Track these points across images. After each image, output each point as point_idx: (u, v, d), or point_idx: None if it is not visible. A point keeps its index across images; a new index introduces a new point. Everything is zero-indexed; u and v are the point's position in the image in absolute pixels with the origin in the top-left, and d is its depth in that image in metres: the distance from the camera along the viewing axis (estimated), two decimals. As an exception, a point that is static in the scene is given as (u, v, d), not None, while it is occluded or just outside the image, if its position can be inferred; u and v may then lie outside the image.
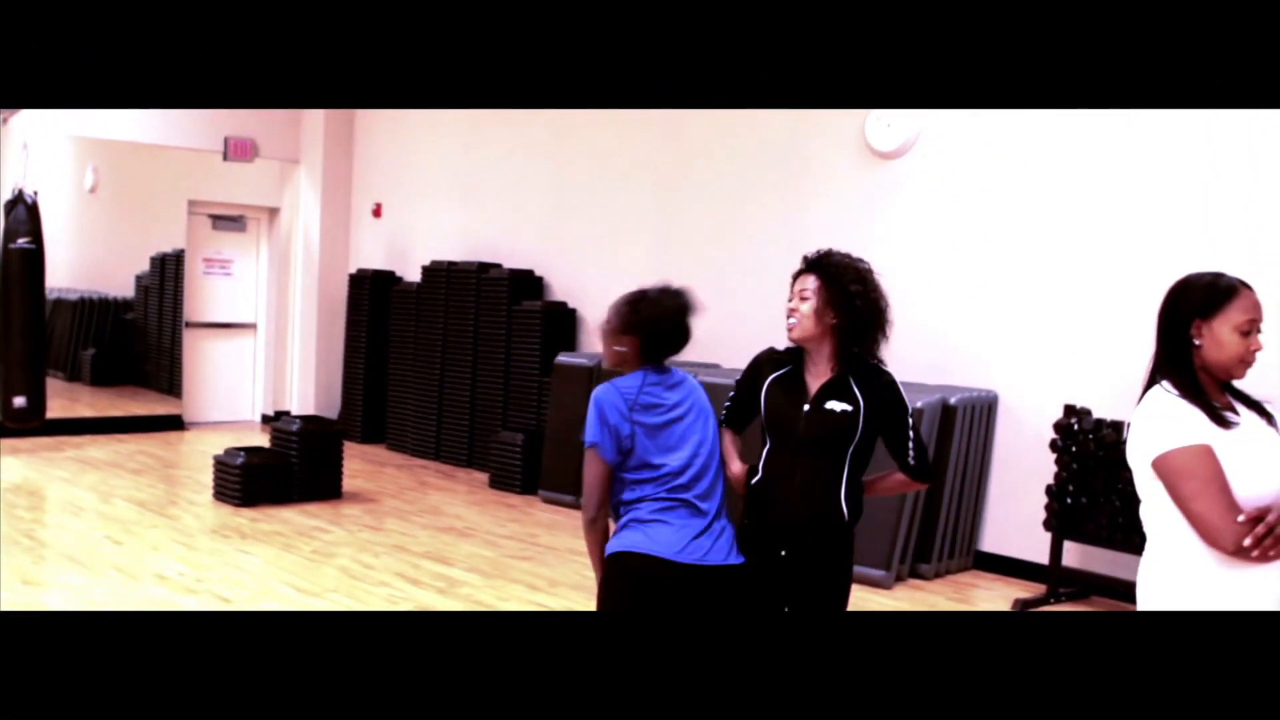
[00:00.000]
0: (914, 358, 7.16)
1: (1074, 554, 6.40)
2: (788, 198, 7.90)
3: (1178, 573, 2.63)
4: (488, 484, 8.94)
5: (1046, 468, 6.40)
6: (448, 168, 10.49)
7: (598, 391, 3.38)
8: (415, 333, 10.22)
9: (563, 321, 9.27)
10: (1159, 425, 2.61)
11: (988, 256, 6.91)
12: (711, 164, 8.35)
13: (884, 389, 3.27)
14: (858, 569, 6.49)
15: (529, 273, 9.58)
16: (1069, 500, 6.19)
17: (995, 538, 6.96)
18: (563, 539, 7.28)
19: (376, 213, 11.30)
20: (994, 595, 6.46)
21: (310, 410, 11.16)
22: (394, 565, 6.45)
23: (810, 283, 3.30)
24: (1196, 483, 2.54)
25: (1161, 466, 2.59)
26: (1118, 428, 6.04)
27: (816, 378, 3.29)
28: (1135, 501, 5.83)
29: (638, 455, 3.31)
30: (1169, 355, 2.71)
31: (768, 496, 3.32)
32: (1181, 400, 2.63)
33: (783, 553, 3.28)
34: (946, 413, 6.66)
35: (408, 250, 10.88)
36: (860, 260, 3.35)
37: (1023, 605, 6.17)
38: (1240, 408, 2.70)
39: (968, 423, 6.76)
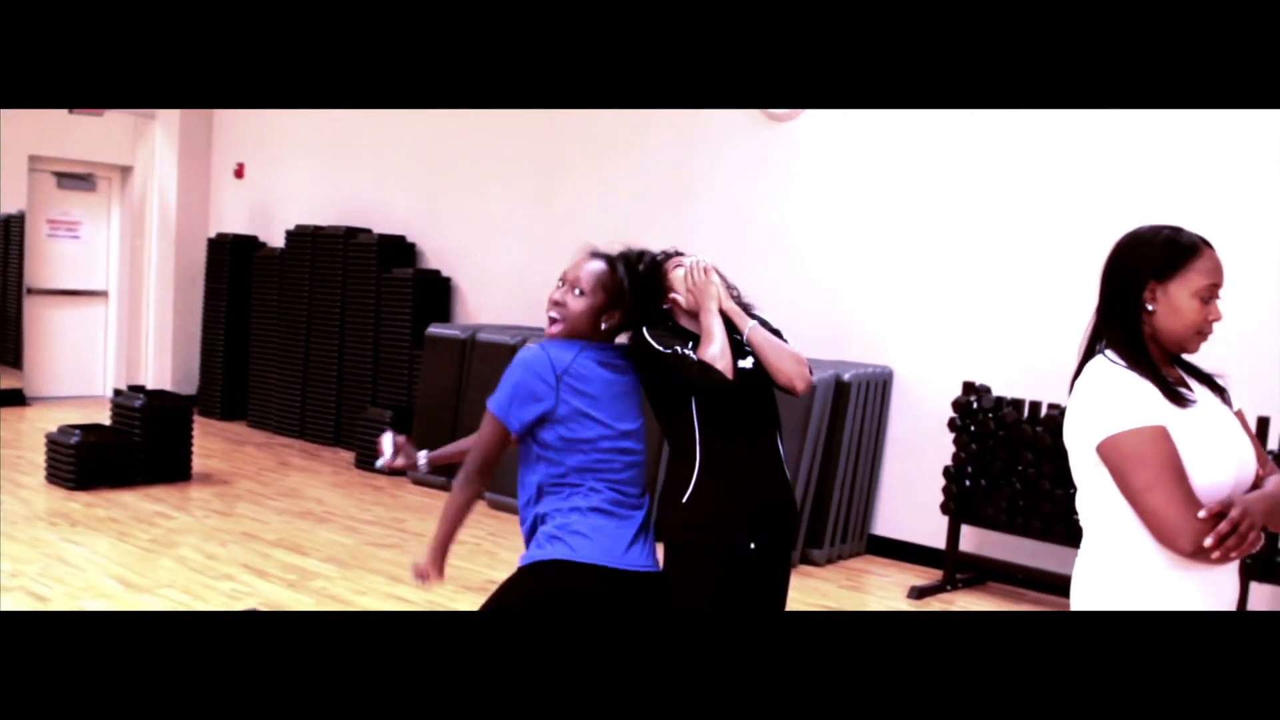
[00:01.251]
0: (807, 331, 6.79)
1: (969, 538, 6.09)
2: (679, 160, 7.44)
3: (1122, 573, 2.24)
4: (353, 464, 8.35)
5: (943, 448, 6.07)
6: (315, 126, 9.80)
7: (524, 352, 2.95)
8: (279, 302, 9.55)
9: (436, 290, 8.71)
10: (1106, 402, 2.21)
11: (884, 225, 6.54)
12: (598, 123, 7.84)
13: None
14: (746, 556, 6.11)
15: (400, 238, 8.99)
16: (967, 483, 5.86)
17: (889, 521, 6.63)
18: (432, 524, 6.71)
19: (238, 173, 10.57)
20: (888, 582, 6.13)
21: (167, 384, 10.41)
22: (241, 555, 5.86)
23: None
24: (1150, 471, 2.14)
25: (1109, 451, 2.19)
26: (1019, 406, 5.73)
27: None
28: (1036, 484, 5.62)
29: (561, 432, 2.87)
30: (1115, 321, 2.31)
31: (715, 490, 2.89)
32: (1130, 373, 2.23)
33: (752, 545, 2.89)
34: (840, 389, 6.29)
35: (271, 214, 10.19)
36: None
37: (918, 593, 5.84)
38: (1192, 383, 2.32)
39: (862, 400, 6.41)
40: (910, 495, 6.46)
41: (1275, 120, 5.29)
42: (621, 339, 3.07)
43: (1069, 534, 5.51)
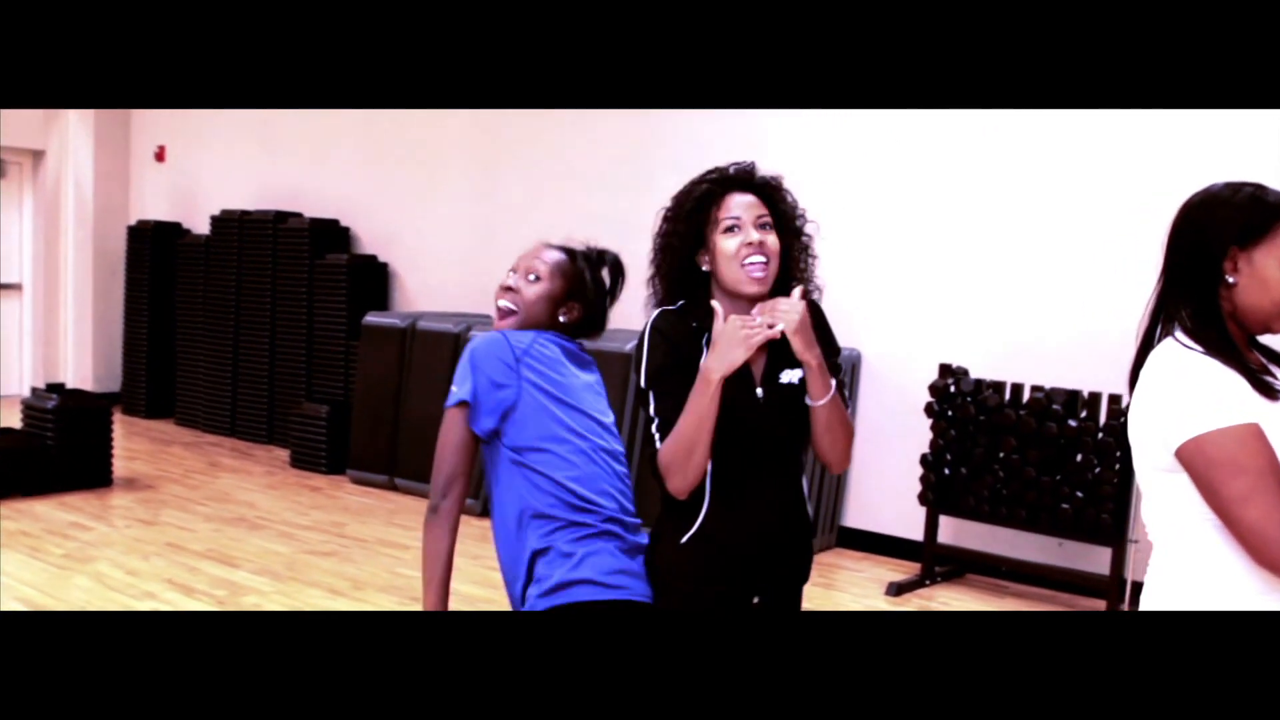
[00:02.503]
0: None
1: (944, 528, 5.75)
2: (629, 138, 7.02)
3: (1206, 598, 1.87)
4: (289, 463, 7.85)
5: (918, 435, 5.73)
6: (240, 105, 9.22)
7: (476, 339, 2.49)
8: (205, 292, 8.99)
9: (372, 277, 8.21)
10: (1187, 396, 1.84)
11: (847, 200, 6.17)
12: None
13: (820, 327, 2.35)
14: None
15: (333, 222, 8.47)
16: (946, 471, 5.52)
17: (860, 512, 6.28)
18: (373, 527, 6.30)
19: (159, 157, 9.97)
20: (863, 578, 5.77)
21: (88, 381, 9.82)
22: (165, 569, 5.37)
23: (761, 208, 2.33)
24: (1246, 479, 1.77)
25: (1194, 454, 1.81)
26: (999, 389, 5.39)
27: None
28: (1020, 472, 5.28)
29: (534, 432, 2.41)
30: (1188, 296, 1.93)
31: (727, 529, 2.31)
32: (1211, 360, 1.86)
33: (755, 600, 2.35)
34: (808, 375, 5.91)
35: (195, 199, 9.62)
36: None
37: (896, 589, 5.50)
38: (1275, 369, 1.96)
39: (830, 385, 6.03)
40: (883, 484, 6.11)
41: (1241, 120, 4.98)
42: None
43: (1054, 523, 5.20)
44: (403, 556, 5.74)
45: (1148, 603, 1.97)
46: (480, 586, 5.06)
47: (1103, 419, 5.13)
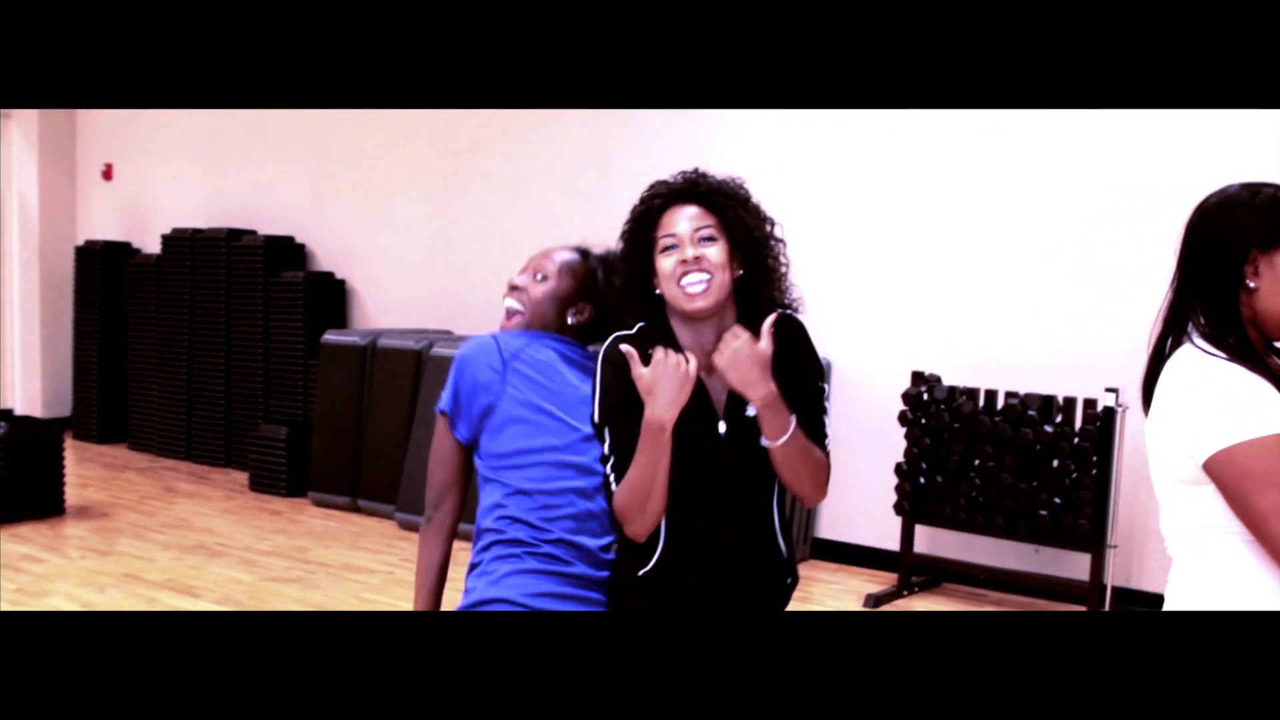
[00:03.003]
0: (737, 324, 6.34)
1: (919, 538, 5.67)
2: (592, 146, 6.91)
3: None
4: (248, 486, 7.66)
5: (891, 444, 5.65)
6: (190, 122, 9.01)
7: (466, 342, 2.39)
8: (157, 312, 8.77)
9: (330, 294, 8.05)
10: (1213, 405, 1.76)
11: (813, 204, 6.10)
12: (498, 109, 7.27)
13: (793, 348, 2.20)
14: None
15: (288, 239, 8.30)
16: (921, 480, 5.45)
17: (835, 524, 6.20)
18: (338, 552, 6.14)
19: (107, 175, 9.72)
20: (840, 590, 5.70)
21: (37, 407, 9.56)
22: (123, 601, 5.19)
23: (705, 219, 2.19)
24: (1277, 492, 1.70)
25: (1225, 466, 1.73)
26: (974, 396, 5.33)
27: (711, 370, 2.17)
28: (996, 479, 5.22)
29: (506, 443, 2.29)
30: (1207, 301, 1.86)
31: (681, 573, 2.20)
32: (1236, 367, 1.78)
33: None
34: (779, 385, 5.84)
35: (145, 217, 9.38)
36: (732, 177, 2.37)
37: (875, 600, 5.42)
38: None
39: (801, 395, 5.96)
40: (858, 495, 6.03)
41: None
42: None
43: (1031, 530, 5.14)
44: (368, 581, 5.59)
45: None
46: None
47: (1078, 424, 5.08)
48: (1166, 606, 1.92)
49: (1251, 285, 1.83)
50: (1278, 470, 1.70)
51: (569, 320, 2.45)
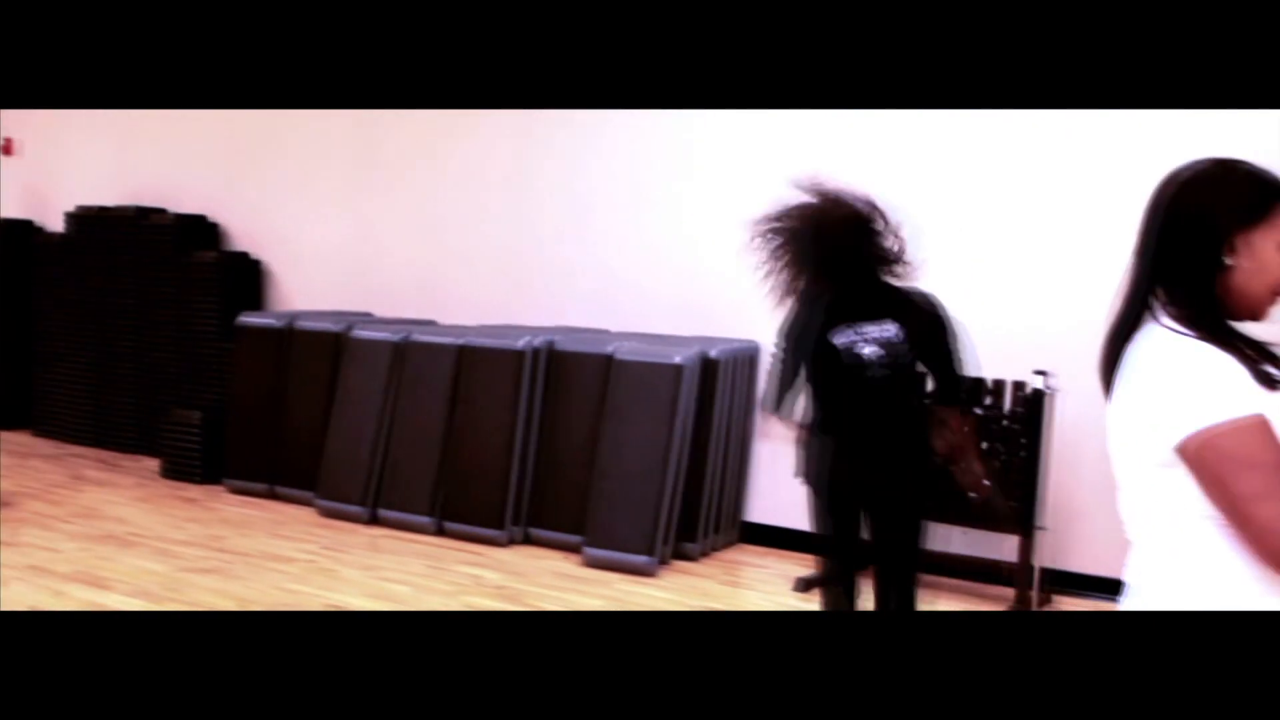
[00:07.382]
0: (668, 302, 6.27)
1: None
2: (520, 122, 6.77)
3: (1205, 597, 1.75)
4: (160, 473, 7.42)
5: (822, 426, 5.62)
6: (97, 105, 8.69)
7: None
8: (63, 293, 8.46)
9: (245, 275, 7.83)
10: (1186, 387, 1.71)
11: (742, 180, 6.04)
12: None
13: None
14: (616, 556, 5.57)
15: (201, 218, 8.05)
16: (852, 463, 5.42)
17: (763, 508, 6.17)
18: (257, 540, 5.95)
19: (7, 150, 9.36)
20: (769, 574, 5.66)
21: (-66, 392, 9.17)
22: (28, 595, 4.97)
23: None
24: (1259, 475, 1.65)
25: (1200, 449, 1.68)
26: (904, 378, 5.31)
27: None
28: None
29: None
30: (1179, 280, 1.80)
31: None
32: (1208, 347, 1.73)
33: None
34: (708, 367, 5.78)
35: (49, 195, 9.03)
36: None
37: (804, 584, 5.39)
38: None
39: (729, 378, 5.91)
40: (784, 478, 5.98)
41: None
42: None
43: (961, 512, 5.15)
44: (290, 570, 5.42)
45: (1138, 603, 1.85)
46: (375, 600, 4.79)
47: (1007, 406, 5.09)
48: (1131, 592, 1.87)
49: (1228, 263, 1.78)
50: (1256, 453, 1.66)
51: None
